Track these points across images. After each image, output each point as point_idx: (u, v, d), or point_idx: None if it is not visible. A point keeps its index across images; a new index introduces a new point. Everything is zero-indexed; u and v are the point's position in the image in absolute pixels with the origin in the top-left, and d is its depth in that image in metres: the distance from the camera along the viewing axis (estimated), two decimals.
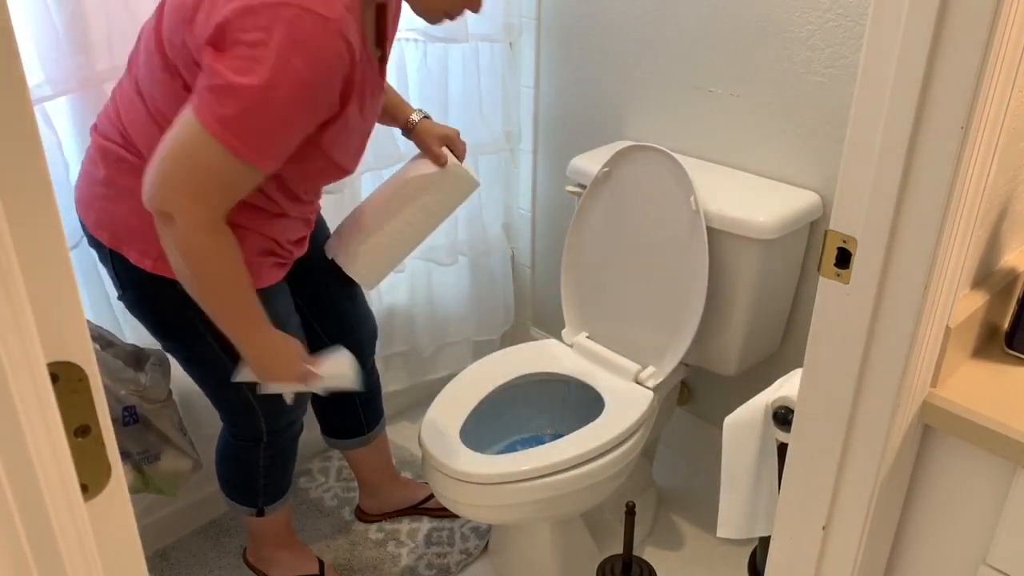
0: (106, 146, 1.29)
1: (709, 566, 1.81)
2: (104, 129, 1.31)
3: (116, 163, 1.28)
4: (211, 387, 1.48)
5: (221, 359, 1.38)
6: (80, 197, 1.35)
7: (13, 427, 0.46)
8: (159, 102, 1.23)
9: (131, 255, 1.30)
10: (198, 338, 1.36)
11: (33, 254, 0.45)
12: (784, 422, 1.17)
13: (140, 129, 1.26)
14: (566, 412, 1.81)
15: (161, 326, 1.40)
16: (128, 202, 1.28)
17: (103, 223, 1.31)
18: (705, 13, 1.70)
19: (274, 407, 1.49)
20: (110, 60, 1.45)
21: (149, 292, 1.34)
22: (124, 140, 1.28)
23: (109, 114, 1.32)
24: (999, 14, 0.70)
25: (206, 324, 1.30)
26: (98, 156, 1.30)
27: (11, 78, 0.43)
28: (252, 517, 1.65)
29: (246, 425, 1.52)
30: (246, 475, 1.60)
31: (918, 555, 1.03)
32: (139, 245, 1.29)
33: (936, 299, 0.84)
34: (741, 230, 1.54)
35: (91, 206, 1.33)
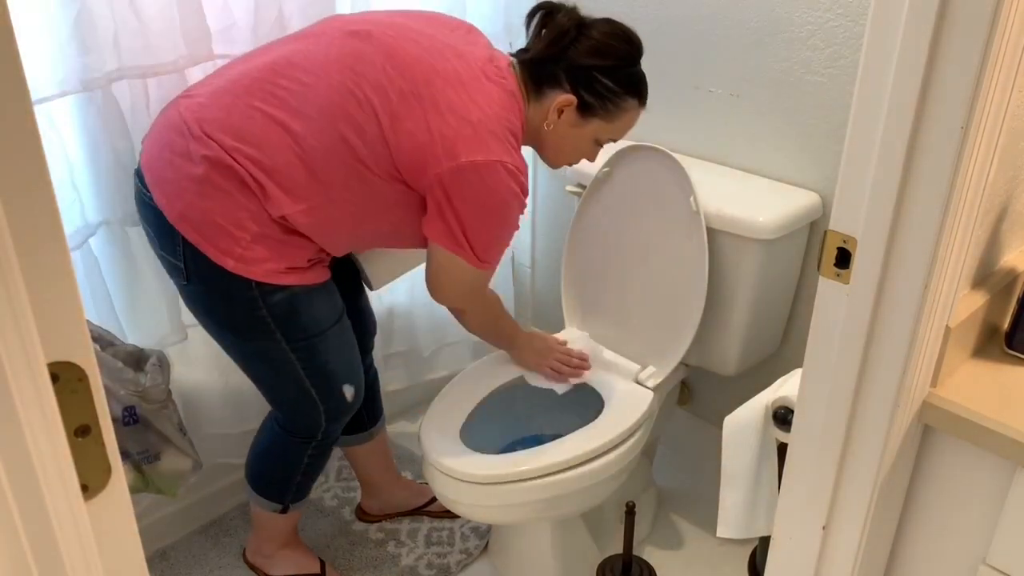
0: (213, 145, 1.30)
1: (709, 566, 1.81)
2: (213, 130, 1.31)
3: (219, 165, 1.30)
4: (273, 383, 1.51)
5: (288, 357, 1.43)
6: (161, 182, 1.34)
7: (13, 427, 0.46)
8: (320, 158, 1.31)
9: (212, 252, 1.32)
10: (268, 336, 1.40)
11: (33, 254, 0.45)
12: (784, 422, 1.17)
13: (281, 163, 1.31)
14: (566, 412, 1.81)
15: (228, 322, 1.42)
16: (220, 203, 1.31)
17: (188, 217, 1.32)
18: (705, 13, 1.69)
19: (336, 405, 1.53)
20: (117, 61, 1.45)
21: (222, 289, 1.36)
22: (239, 152, 1.30)
23: (225, 118, 1.31)
24: (999, 14, 0.70)
25: (276, 323, 1.38)
26: (198, 151, 1.31)
27: (11, 78, 0.43)
28: (266, 513, 1.66)
29: (306, 421, 1.54)
30: (286, 471, 1.61)
31: (918, 555, 1.03)
32: (222, 244, 1.32)
33: (936, 299, 0.84)
34: (741, 230, 1.54)
35: (178, 197, 1.33)
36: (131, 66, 1.47)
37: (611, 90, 1.39)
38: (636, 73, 1.42)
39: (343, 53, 1.33)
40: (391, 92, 1.31)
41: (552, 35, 1.37)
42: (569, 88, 1.38)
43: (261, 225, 1.32)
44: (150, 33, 1.46)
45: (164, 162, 1.35)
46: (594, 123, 1.42)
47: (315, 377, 1.47)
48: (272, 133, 1.31)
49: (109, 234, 1.56)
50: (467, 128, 1.30)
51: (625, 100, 1.41)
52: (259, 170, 1.30)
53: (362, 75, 1.31)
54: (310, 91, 1.31)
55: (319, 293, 1.43)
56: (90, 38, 1.40)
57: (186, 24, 1.50)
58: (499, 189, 1.32)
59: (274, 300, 1.37)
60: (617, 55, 1.39)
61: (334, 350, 1.48)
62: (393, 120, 1.30)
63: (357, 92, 1.31)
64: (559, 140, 1.44)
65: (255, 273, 1.34)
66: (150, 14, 1.45)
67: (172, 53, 1.50)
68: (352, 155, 1.31)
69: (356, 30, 1.36)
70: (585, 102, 1.39)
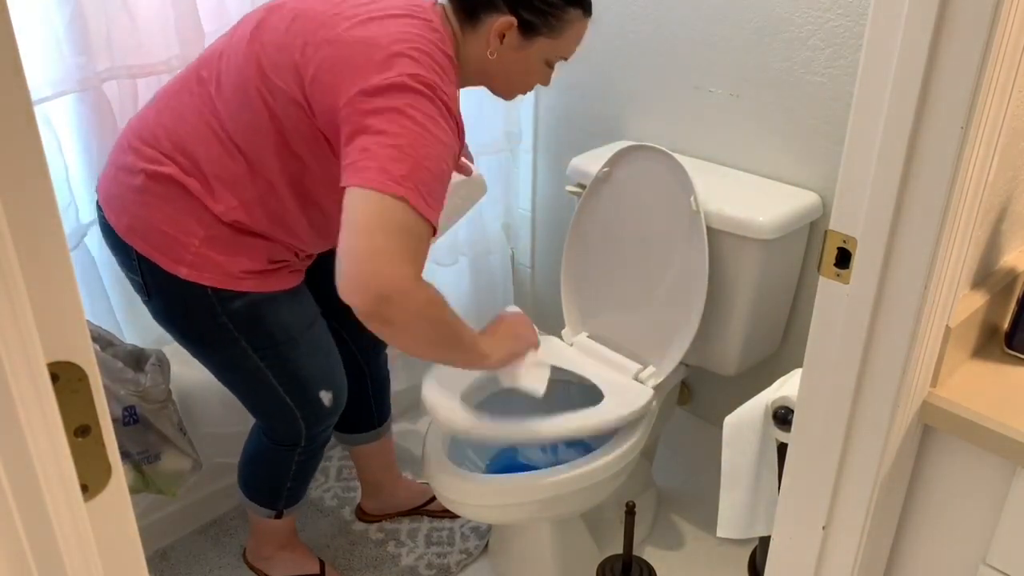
0: (148, 153, 1.29)
1: (709, 566, 1.81)
2: (149, 137, 1.30)
3: (155, 172, 1.28)
4: (247, 393, 1.48)
5: (257, 365, 1.39)
6: (109, 199, 1.34)
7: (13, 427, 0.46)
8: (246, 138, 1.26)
9: (164, 262, 1.29)
10: (232, 344, 1.36)
11: (33, 254, 0.45)
12: (784, 422, 1.17)
13: (215, 154, 1.27)
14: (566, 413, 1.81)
15: (192, 333, 1.39)
16: (164, 209, 1.28)
17: (136, 229, 1.30)
18: (705, 13, 1.70)
19: (314, 411, 1.49)
20: (110, 60, 1.45)
21: (180, 299, 1.33)
22: (175, 155, 1.28)
23: (157, 122, 1.30)
24: (999, 14, 0.70)
25: (239, 330, 1.34)
26: (136, 163, 1.29)
27: (11, 78, 0.43)
28: (262, 519, 1.66)
29: (286, 430, 1.52)
30: (275, 478, 1.60)
31: (918, 555, 1.03)
32: (172, 252, 1.29)
33: (936, 299, 0.84)
34: (741, 230, 1.54)
35: (124, 211, 1.31)
36: (123, 66, 1.47)
37: (550, 3, 1.29)
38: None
39: (252, 28, 1.29)
40: (295, 47, 1.23)
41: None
42: (506, 9, 1.29)
43: (208, 227, 1.29)
44: (143, 32, 1.46)
45: (110, 179, 1.34)
46: (539, 42, 1.33)
47: (288, 385, 1.44)
48: (202, 126, 1.28)
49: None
50: (378, 52, 1.18)
51: (567, 11, 1.31)
52: (197, 170, 1.27)
53: (267, 43, 1.26)
54: (225, 76, 1.28)
55: (284, 299, 1.38)
56: (83, 38, 1.40)
57: (180, 24, 1.49)
58: (413, 109, 1.15)
59: (234, 307, 1.33)
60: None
61: (306, 356, 1.44)
62: (300, 70, 1.22)
63: (264, 60, 1.25)
64: (507, 68, 1.35)
65: (210, 279, 1.30)
66: (144, 14, 1.45)
67: (165, 53, 1.50)
68: (274, 127, 1.25)
69: (272, 5, 1.32)
70: (525, 20, 1.29)
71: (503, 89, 1.41)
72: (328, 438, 1.62)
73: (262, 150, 1.27)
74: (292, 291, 1.39)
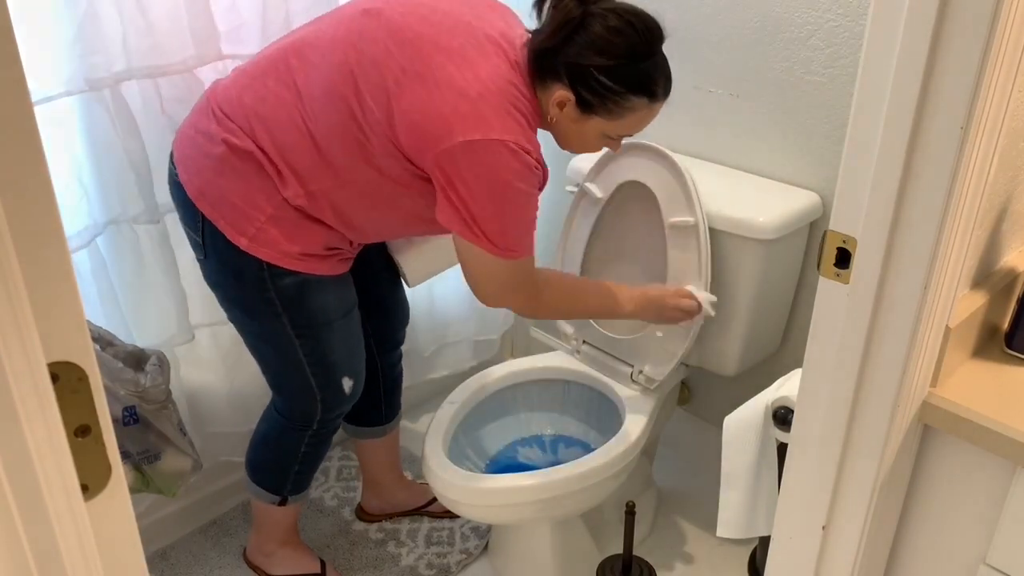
0: (230, 125, 1.33)
1: (709, 566, 1.81)
2: (231, 111, 1.34)
3: (236, 145, 1.32)
4: (275, 366, 1.52)
5: (292, 341, 1.44)
6: (184, 159, 1.38)
7: (13, 427, 0.46)
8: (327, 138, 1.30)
9: (227, 231, 1.35)
10: (274, 318, 1.41)
11: (33, 254, 0.45)
12: (784, 422, 1.17)
13: (290, 143, 1.31)
14: (566, 412, 1.81)
15: (238, 300, 1.44)
16: (237, 182, 1.33)
17: (207, 194, 1.35)
18: (705, 13, 1.69)
19: (333, 395, 1.53)
20: (126, 61, 1.45)
21: (234, 266, 1.38)
22: (253, 134, 1.32)
23: (239, 98, 1.34)
24: (999, 14, 0.70)
25: (283, 306, 1.39)
26: (219, 133, 1.33)
27: (11, 78, 0.43)
28: (267, 506, 1.66)
29: (302, 408, 1.55)
30: (283, 459, 1.62)
31: (918, 555, 1.03)
32: (238, 223, 1.34)
33: (936, 299, 0.84)
34: (741, 230, 1.54)
35: (198, 174, 1.35)
36: (139, 66, 1.47)
37: (611, 89, 1.27)
38: (644, 69, 1.28)
39: (350, 31, 1.32)
40: (390, 70, 1.27)
41: (555, 24, 1.26)
42: (567, 84, 1.28)
43: (276, 207, 1.34)
44: (158, 33, 1.47)
45: (188, 140, 1.38)
46: (595, 120, 1.32)
47: (316, 366, 1.48)
48: (283, 114, 1.31)
49: (117, 233, 1.56)
50: (464, 104, 1.23)
51: (628, 99, 1.29)
52: (274, 151, 1.32)
53: (364, 53, 1.29)
54: (316, 71, 1.31)
55: (331, 284, 1.43)
56: (96, 38, 1.40)
57: (194, 24, 1.50)
58: (499, 169, 1.24)
59: (283, 283, 1.38)
60: (618, 52, 1.25)
61: (338, 342, 1.49)
62: (392, 99, 1.26)
63: (358, 71, 1.28)
64: (564, 133, 1.37)
65: (267, 254, 1.35)
66: (158, 14, 1.46)
67: (180, 53, 1.51)
68: (356, 136, 1.30)
69: (368, 8, 1.34)
70: (583, 99, 1.29)
71: (564, 146, 1.42)
72: (337, 427, 1.63)
73: (340, 152, 1.31)
74: (338, 277, 1.44)
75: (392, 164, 1.30)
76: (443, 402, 1.67)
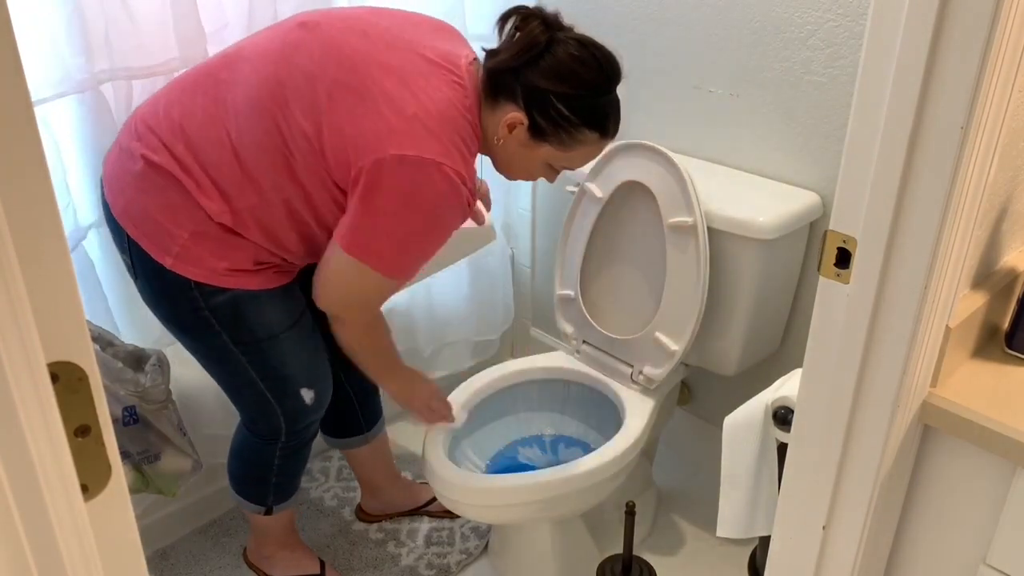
0: (151, 141, 1.30)
1: (709, 566, 1.81)
2: (155, 125, 1.31)
3: (154, 161, 1.29)
4: (228, 384, 1.49)
5: (238, 359, 1.40)
6: (110, 178, 1.35)
7: (13, 427, 0.46)
8: (251, 153, 1.27)
9: (151, 249, 1.31)
10: (213, 336, 1.37)
11: (33, 254, 0.45)
12: (784, 422, 1.17)
13: (214, 159, 1.27)
14: (566, 412, 1.81)
15: (175, 320, 1.40)
16: (157, 199, 1.30)
17: (130, 213, 1.32)
18: (705, 13, 1.69)
19: (294, 408, 1.49)
20: (108, 62, 1.44)
21: (165, 287, 1.34)
22: (175, 149, 1.28)
23: (166, 113, 1.31)
24: (999, 14, 0.70)
25: (221, 325, 1.35)
26: (139, 148, 1.30)
27: (11, 78, 0.43)
28: (258, 515, 1.65)
29: (265, 423, 1.52)
30: (259, 472, 1.60)
31: (918, 555, 1.03)
32: (161, 241, 1.30)
33: (936, 299, 0.84)
34: (741, 230, 1.54)
35: (121, 193, 1.33)
36: (122, 67, 1.46)
37: (566, 118, 1.26)
38: (601, 104, 1.28)
39: (284, 44, 1.29)
40: (323, 84, 1.24)
41: (520, 46, 1.25)
42: (522, 106, 1.26)
43: (198, 224, 1.29)
44: (142, 34, 1.45)
45: (114, 159, 1.35)
46: (545, 148, 1.30)
47: (268, 380, 1.44)
48: (210, 130, 1.28)
49: (103, 236, 1.55)
50: (401, 122, 1.20)
51: (581, 131, 1.28)
52: (196, 166, 1.28)
53: (296, 66, 1.26)
54: (245, 83, 1.28)
55: (269, 297, 1.37)
56: (83, 38, 1.39)
57: (180, 25, 1.49)
58: (426, 190, 1.21)
59: (216, 302, 1.33)
60: (579, 82, 1.25)
61: (289, 354, 1.44)
62: (322, 113, 1.23)
63: (288, 84, 1.25)
64: (508, 157, 1.34)
65: (194, 272, 1.31)
66: (143, 14, 1.45)
67: (164, 55, 1.49)
68: (281, 151, 1.26)
69: (306, 21, 1.32)
70: (537, 125, 1.27)
71: (503, 170, 1.40)
72: (313, 435, 1.61)
73: (265, 169, 1.27)
74: (277, 290, 1.39)
75: (315, 183, 1.27)
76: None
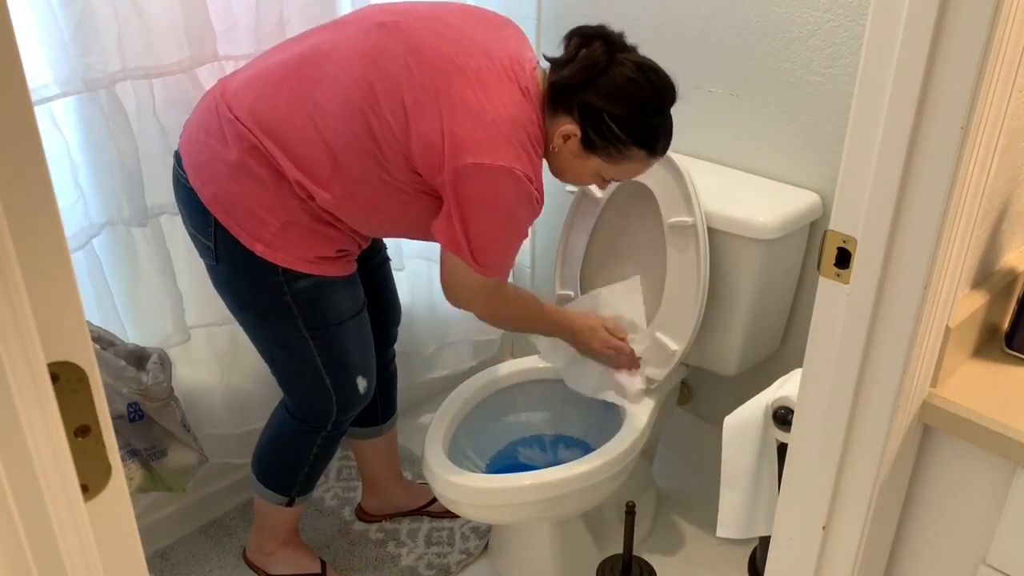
0: (245, 133, 1.33)
1: (709, 566, 1.81)
2: (245, 117, 1.33)
3: (252, 151, 1.33)
4: (290, 369, 1.52)
5: (307, 344, 1.45)
6: (196, 165, 1.37)
7: (13, 427, 0.46)
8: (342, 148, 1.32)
9: (242, 237, 1.35)
10: (289, 321, 1.42)
11: (33, 254, 0.45)
12: (784, 422, 1.17)
13: (305, 152, 1.32)
14: (566, 412, 1.81)
15: (252, 305, 1.44)
16: (252, 187, 1.34)
17: (221, 200, 1.35)
18: (705, 13, 1.70)
19: (349, 395, 1.54)
20: (121, 62, 1.45)
21: (250, 272, 1.39)
22: (269, 141, 1.32)
23: (253, 105, 1.34)
24: (999, 14, 0.70)
25: (299, 309, 1.41)
26: (232, 137, 1.33)
27: (11, 78, 0.43)
28: (272, 507, 1.66)
29: (317, 409, 1.55)
30: (294, 461, 1.62)
31: (918, 555, 1.03)
32: (253, 229, 1.35)
33: (936, 299, 0.84)
34: (741, 230, 1.54)
35: (211, 180, 1.36)
36: (135, 67, 1.47)
37: (617, 136, 1.33)
38: (651, 125, 1.34)
39: (368, 45, 1.33)
40: (409, 88, 1.30)
41: (582, 64, 1.31)
42: (577, 120, 1.33)
43: (290, 213, 1.35)
44: (153, 34, 1.46)
45: (200, 144, 1.37)
46: (595, 160, 1.37)
47: (332, 366, 1.49)
48: (299, 122, 1.32)
49: (113, 234, 1.56)
50: (479, 129, 1.28)
51: (630, 149, 1.34)
52: (288, 159, 1.32)
53: (383, 69, 1.31)
54: (334, 83, 1.32)
55: (343, 284, 1.45)
56: (93, 38, 1.40)
57: (190, 25, 1.50)
58: (503, 194, 1.31)
59: (299, 287, 1.39)
60: (632, 104, 1.31)
61: (352, 341, 1.50)
62: (409, 116, 1.30)
63: (378, 86, 1.31)
64: (562, 164, 1.42)
65: (283, 260, 1.36)
66: (153, 14, 1.46)
67: (176, 54, 1.50)
68: (372, 149, 1.32)
69: (384, 21, 1.36)
70: (589, 138, 1.34)
71: (557, 175, 1.47)
72: (347, 428, 1.64)
73: (355, 162, 1.33)
74: (348, 278, 1.47)
75: (402, 176, 1.34)
76: (443, 402, 1.67)
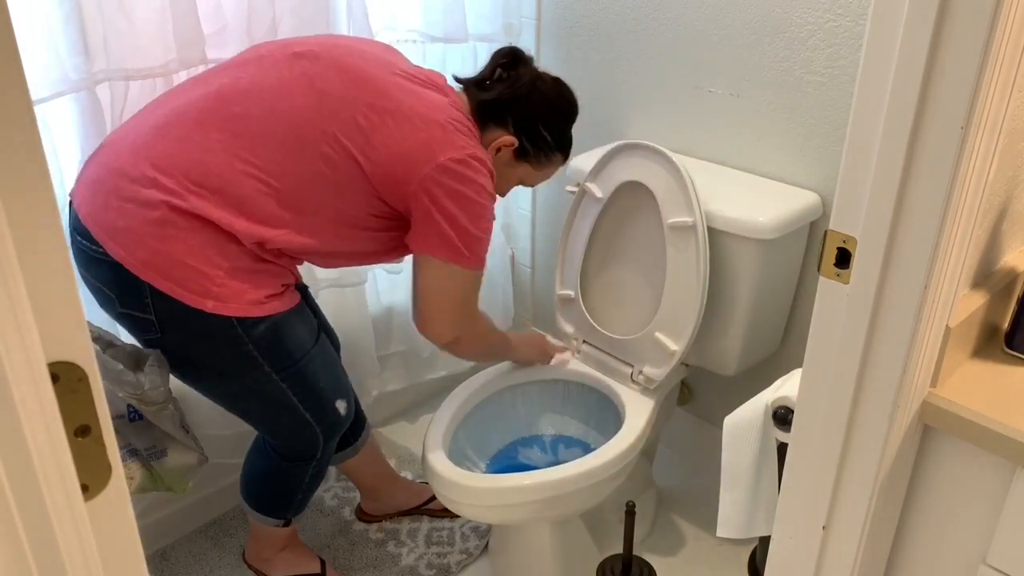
0: (170, 185, 1.25)
1: (709, 566, 1.81)
2: (167, 167, 1.26)
3: (179, 208, 1.25)
4: (266, 416, 1.49)
5: (278, 386, 1.41)
6: (113, 232, 1.27)
7: (13, 427, 0.46)
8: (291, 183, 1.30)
9: (186, 297, 1.27)
10: (255, 371, 1.38)
11: (33, 254, 0.45)
12: (784, 422, 1.17)
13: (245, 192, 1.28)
14: (566, 413, 1.81)
15: (213, 366, 1.39)
16: (186, 242, 1.26)
17: (154, 264, 1.26)
18: (705, 13, 1.70)
19: (332, 422, 1.52)
20: (105, 62, 1.44)
21: (202, 333, 1.32)
22: (198, 188, 1.26)
23: (181, 152, 1.27)
24: (999, 14, 0.70)
25: (262, 355, 1.36)
26: (156, 196, 1.25)
27: (11, 78, 0.43)
28: (267, 527, 1.66)
29: (304, 445, 1.53)
30: (287, 492, 1.61)
31: (918, 555, 1.04)
32: (197, 285, 1.27)
33: (936, 299, 0.84)
34: (741, 230, 1.54)
35: (138, 245, 1.26)
36: (119, 68, 1.45)
37: (548, 143, 1.49)
38: (569, 134, 1.53)
39: (297, 74, 1.32)
40: (359, 108, 1.30)
41: (513, 83, 1.45)
42: (512, 130, 1.45)
43: (232, 259, 1.28)
44: (140, 35, 1.45)
45: (113, 211, 1.27)
46: (523, 167, 1.51)
47: (308, 400, 1.46)
48: (236, 164, 1.27)
49: None
50: (435, 129, 1.33)
51: (554, 155, 1.52)
52: (224, 202, 1.27)
53: (326, 93, 1.30)
54: (272, 116, 1.29)
55: (296, 316, 1.41)
56: (81, 38, 1.38)
57: (179, 27, 1.48)
58: (472, 183, 1.35)
59: (258, 333, 1.34)
60: (563, 114, 1.51)
61: (321, 369, 1.47)
62: (366, 135, 1.30)
63: (326, 113, 1.29)
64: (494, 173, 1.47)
65: (235, 309, 1.30)
66: (141, 15, 1.44)
67: (163, 56, 1.48)
68: (326, 179, 1.31)
69: (300, 51, 1.35)
70: (523, 147, 1.47)
71: None
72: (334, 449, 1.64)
73: (306, 198, 1.31)
74: (298, 308, 1.43)
75: (358, 202, 1.34)
76: (443, 402, 1.67)
